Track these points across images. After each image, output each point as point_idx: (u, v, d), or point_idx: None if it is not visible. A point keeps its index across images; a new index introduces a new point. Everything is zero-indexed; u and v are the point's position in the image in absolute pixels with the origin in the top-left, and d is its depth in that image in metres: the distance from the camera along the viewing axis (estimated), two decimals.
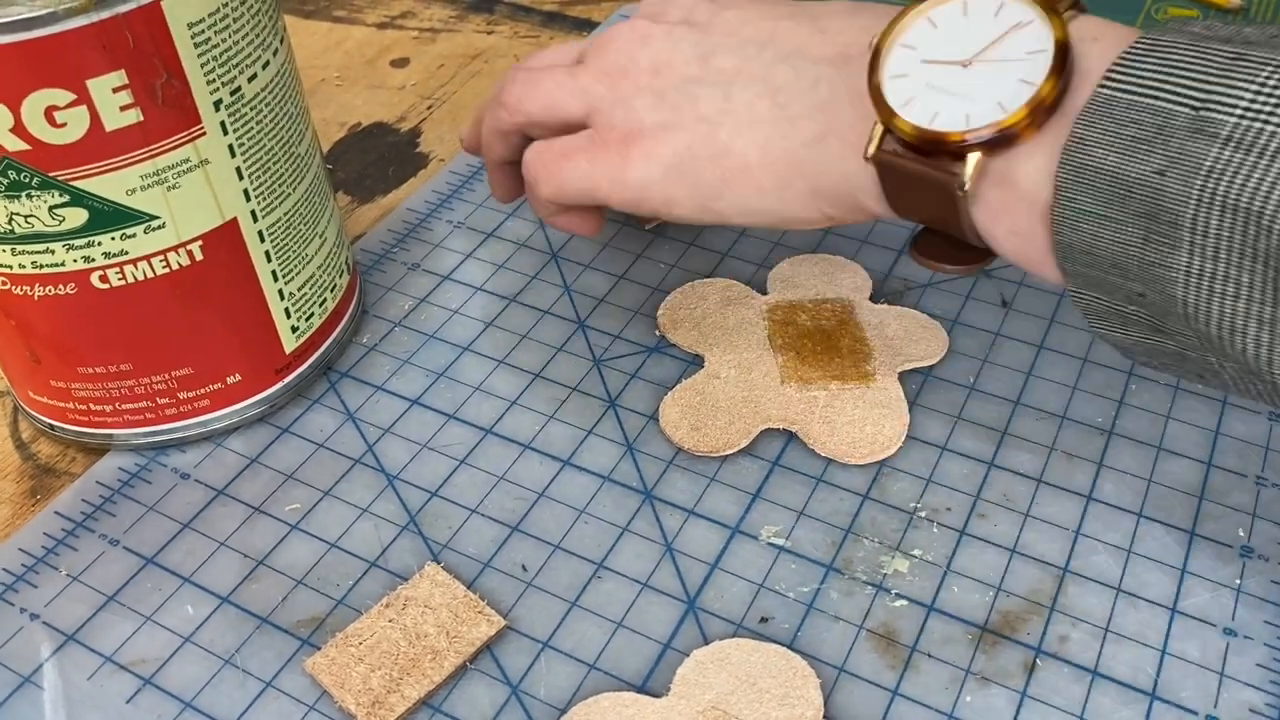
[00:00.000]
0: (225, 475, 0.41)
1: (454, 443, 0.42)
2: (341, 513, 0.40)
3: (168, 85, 0.34)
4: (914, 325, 0.45)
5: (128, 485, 0.41)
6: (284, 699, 0.34)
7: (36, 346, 0.39)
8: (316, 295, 0.43)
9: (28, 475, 0.42)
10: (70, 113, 0.33)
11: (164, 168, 0.35)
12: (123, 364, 0.39)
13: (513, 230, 0.51)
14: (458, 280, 0.49)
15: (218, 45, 0.35)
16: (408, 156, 0.57)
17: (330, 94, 0.62)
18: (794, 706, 0.33)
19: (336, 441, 0.42)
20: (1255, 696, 0.33)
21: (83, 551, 0.39)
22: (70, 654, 0.36)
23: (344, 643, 0.35)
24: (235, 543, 0.39)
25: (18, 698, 0.35)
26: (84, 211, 0.35)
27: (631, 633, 0.36)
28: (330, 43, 0.66)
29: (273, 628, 0.36)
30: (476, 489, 0.40)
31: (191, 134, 0.35)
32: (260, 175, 0.38)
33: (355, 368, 0.45)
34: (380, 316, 0.47)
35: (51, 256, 0.36)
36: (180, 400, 0.41)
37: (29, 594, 0.37)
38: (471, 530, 0.39)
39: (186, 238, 0.37)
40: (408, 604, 0.36)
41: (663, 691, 0.34)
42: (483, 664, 0.35)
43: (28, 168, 0.34)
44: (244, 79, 0.36)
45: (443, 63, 0.64)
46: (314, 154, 0.42)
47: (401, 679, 0.34)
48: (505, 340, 0.46)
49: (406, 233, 0.52)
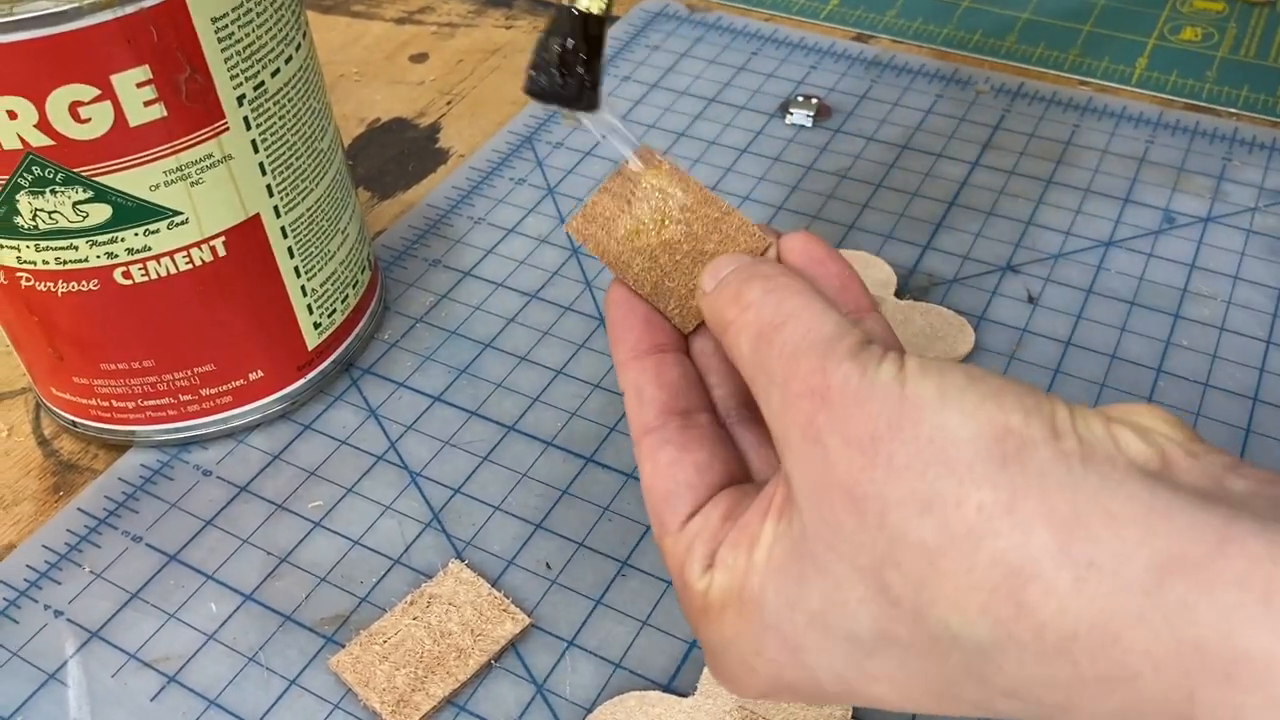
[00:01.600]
0: (248, 472, 0.41)
1: (476, 439, 0.42)
2: (364, 510, 0.39)
3: (191, 80, 0.34)
4: (940, 321, 0.44)
5: (150, 482, 0.41)
6: (308, 697, 0.34)
7: (59, 343, 0.39)
8: (339, 291, 0.43)
9: (50, 472, 0.42)
10: (94, 108, 0.33)
11: (187, 163, 0.35)
12: (145, 360, 0.39)
13: (534, 226, 0.51)
14: (479, 276, 0.49)
15: (241, 40, 0.35)
16: (428, 152, 0.57)
17: (349, 89, 0.62)
18: (822, 705, 0.32)
19: (359, 438, 0.42)
20: None
21: (106, 548, 0.39)
22: (94, 651, 0.36)
23: (368, 641, 0.35)
24: (258, 540, 0.39)
25: (42, 695, 0.35)
26: (107, 207, 0.35)
27: (657, 631, 0.35)
28: (349, 38, 0.66)
29: (296, 625, 0.36)
30: (499, 486, 0.40)
31: (215, 129, 0.35)
32: (283, 171, 0.38)
33: (377, 364, 0.45)
34: (402, 313, 0.47)
35: (75, 253, 0.36)
36: (202, 397, 0.40)
37: (53, 591, 0.37)
38: (495, 527, 0.39)
39: (209, 234, 0.37)
40: (432, 602, 0.36)
41: (690, 690, 0.33)
42: (508, 662, 0.35)
43: (52, 164, 0.33)
44: (267, 74, 0.36)
45: (462, 58, 0.64)
46: (336, 149, 0.42)
47: (426, 677, 0.34)
48: (527, 337, 0.46)
49: (427, 229, 0.51)
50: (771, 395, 0.24)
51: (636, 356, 0.29)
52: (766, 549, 0.24)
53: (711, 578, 0.25)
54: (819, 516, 0.23)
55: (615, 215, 0.29)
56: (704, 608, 0.26)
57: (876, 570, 0.22)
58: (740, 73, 0.60)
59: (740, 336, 0.26)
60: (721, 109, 0.57)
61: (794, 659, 0.24)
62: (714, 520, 0.26)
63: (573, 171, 0.54)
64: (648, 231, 0.29)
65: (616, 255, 0.29)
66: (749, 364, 0.25)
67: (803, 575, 0.23)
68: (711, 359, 0.29)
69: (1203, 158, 0.52)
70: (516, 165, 0.55)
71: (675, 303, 0.29)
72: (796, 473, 0.23)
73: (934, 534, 0.21)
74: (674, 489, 0.27)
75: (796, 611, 0.23)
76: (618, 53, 0.62)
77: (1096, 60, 0.59)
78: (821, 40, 0.62)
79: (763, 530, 0.24)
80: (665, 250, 0.29)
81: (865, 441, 0.22)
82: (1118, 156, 0.53)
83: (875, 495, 0.22)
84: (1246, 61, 0.59)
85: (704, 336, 0.29)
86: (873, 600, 0.22)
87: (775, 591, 0.24)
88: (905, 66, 0.59)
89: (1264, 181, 0.51)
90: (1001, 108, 0.56)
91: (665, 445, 0.27)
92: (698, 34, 0.63)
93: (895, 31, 0.62)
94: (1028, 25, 0.62)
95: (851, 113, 0.57)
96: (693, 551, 0.26)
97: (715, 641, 0.26)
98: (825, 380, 0.23)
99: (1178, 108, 0.56)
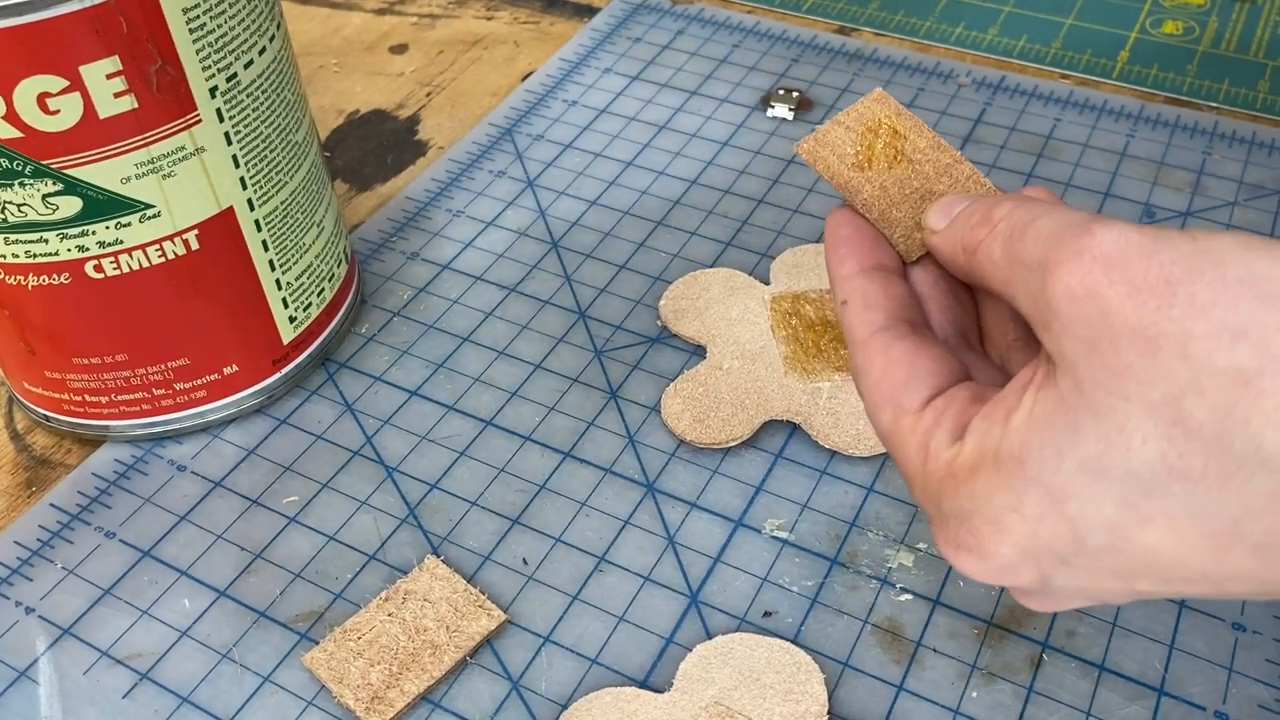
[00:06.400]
0: (222, 467, 0.41)
1: (454, 434, 0.41)
2: (340, 505, 0.39)
3: (162, 71, 0.34)
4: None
5: (124, 477, 0.40)
6: (282, 694, 0.34)
7: (31, 337, 0.38)
8: (314, 285, 0.42)
9: (23, 467, 0.41)
10: (63, 99, 0.32)
11: (159, 156, 0.35)
12: (118, 355, 0.39)
13: (513, 219, 0.51)
14: (457, 270, 0.48)
15: (213, 30, 0.34)
16: (406, 144, 0.56)
17: (328, 81, 0.61)
18: (798, 702, 0.32)
19: (335, 433, 0.42)
20: (1264, 692, 0.33)
21: (78, 544, 0.38)
22: (66, 648, 0.35)
23: (343, 637, 0.34)
24: (233, 535, 0.38)
25: (13, 692, 0.34)
26: (78, 200, 0.34)
27: (633, 627, 0.35)
28: (328, 29, 0.65)
29: (271, 622, 0.36)
30: (477, 481, 0.40)
31: (187, 121, 0.35)
32: (257, 163, 0.38)
33: (354, 358, 0.45)
34: (379, 306, 0.47)
35: (45, 246, 0.35)
36: (177, 391, 0.40)
37: (24, 587, 0.37)
38: (472, 523, 0.38)
39: (182, 227, 0.37)
40: (407, 598, 0.35)
41: (665, 687, 0.33)
42: (483, 659, 0.35)
43: (20, 155, 0.33)
44: (240, 65, 0.36)
45: (442, 49, 0.63)
46: (311, 142, 0.41)
47: (401, 674, 0.33)
48: (505, 331, 0.46)
49: (405, 221, 0.51)
50: (1030, 281, 0.24)
51: (864, 270, 0.29)
52: (1027, 412, 0.24)
53: (962, 445, 0.25)
54: (1099, 364, 0.22)
55: (847, 145, 0.30)
56: (950, 474, 0.25)
57: (1173, 402, 0.22)
58: (722, 65, 0.59)
59: (993, 245, 0.26)
60: (703, 101, 0.57)
61: (1056, 509, 0.23)
62: (960, 399, 0.26)
63: (553, 164, 0.54)
64: (879, 165, 0.30)
65: (846, 180, 0.30)
66: (1002, 267, 0.25)
67: (1075, 424, 0.23)
68: (934, 288, 0.30)
69: (1183, 152, 0.52)
70: (496, 158, 0.54)
71: (901, 232, 0.30)
72: (1067, 336, 0.23)
73: (1250, 357, 0.21)
74: (912, 374, 0.27)
75: (1065, 460, 0.23)
76: (599, 45, 0.61)
77: (1078, 54, 0.59)
78: (803, 33, 0.61)
79: (1021, 401, 0.24)
80: (895, 183, 0.30)
81: (1159, 285, 0.22)
82: (1099, 150, 0.53)
83: (1174, 331, 0.22)
84: (1227, 55, 0.59)
85: (924, 268, 0.30)
86: (1163, 435, 0.22)
87: (1040, 444, 0.23)
88: (887, 59, 0.59)
89: (1244, 176, 0.51)
90: (983, 101, 0.56)
91: (900, 340, 0.27)
92: (679, 26, 0.63)
93: (877, 24, 0.62)
94: (1009, 18, 0.62)
95: (833, 106, 0.56)
96: (940, 425, 0.26)
97: (961, 506, 0.25)
98: (1095, 242, 0.23)
99: (1158, 101, 0.56)
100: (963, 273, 0.28)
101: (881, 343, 0.28)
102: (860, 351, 0.28)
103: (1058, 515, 0.23)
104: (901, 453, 0.27)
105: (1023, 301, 0.25)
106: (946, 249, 0.28)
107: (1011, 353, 0.29)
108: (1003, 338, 0.29)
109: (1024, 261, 0.25)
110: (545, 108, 0.57)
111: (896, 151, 0.30)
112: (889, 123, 0.30)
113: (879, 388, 0.27)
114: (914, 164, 0.30)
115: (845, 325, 0.29)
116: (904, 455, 0.27)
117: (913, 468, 0.26)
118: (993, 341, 0.30)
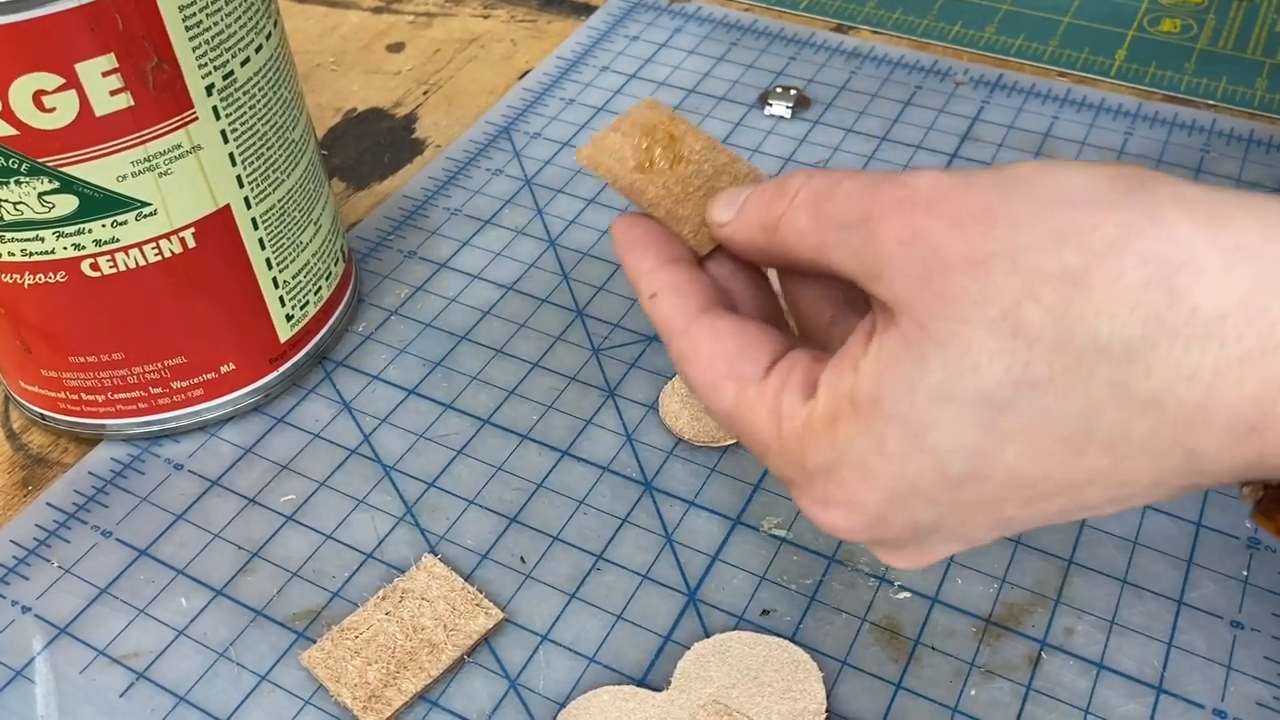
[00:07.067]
0: (219, 466, 0.41)
1: (451, 433, 0.41)
2: (337, 504, 0.39)
3: (159, 69, 0.33)
4: None
5: (120, 476, 0.40)
6: (279, 693, 0.34)
7: (27, 335, 0.38)
8: (311, 283, 0.42)
9: (19, 466, 0.41)
10: (59, 97, 0.32)
11: (155, 154, 0.35)
12: (115, 353, 0.38)
13: (510, 218, 0.51)
14: (455, 268, 0.48)
15: (210, 28, 0.34)
16: (404, 142, 0.56)
17: (325, 79, 0.61)
18: (796, 700, 0.32)
19: (332, 432, 0.42)
20: (1263, 690, 0.33)
21: (75, 543, 0.38)
22: (62, 647, 0.35)
23: (340, 636, 0.34)
24: (229, 534, 0.38)
25: (9, 692, 0.34)
26: (74, 198, 0.34)
27: (631, 625, 0.35)
28: (326, 27, 0.65)
29: (268, 620, 0.36)
30: (474, 480, 0.40)
31: (183, 119, 0.35)
32: (253, 161, 0.38)
33: (351, 357, 0.44)
34: (376, 305, 0.47)
35: (41, 244, 0.35)
36: (173, 390, 0.40)
37: (20, 586, 0.37)
38: (469, 521, 0.38)
39: (178, 225, 0.36)
40: (405, 596, 0.35)
41: (663, 685, 0.33)
42: (481, 657, 0.35)
43: (16, 153, 0.33)
44: (236, 63, 0.36)
45: (439, 48, 0.63)
46: (308, 140, 0.41)
47: (398, 672, 0.33)
48: (503, 329, 0.45)
49: (403, 220, 0.51)
50: (851, 238, 0.25)
51: (666, 263, 0.29)
52: (874, 356, 0.24)
53: (816, 401, 0.25)
54: (935, 296, 0.23)
55: (626, 149, 0.30)
56: (809, 429, 0.25)
57: (1011, 315, 0.22)
58: (719, 63, 0.59)
59: (797, 214, 0.26)
60: (700, 100, 0.57)
61: (917, 444, 0.24)
62: (802, 361, 0.26)
63: (550, 162, 0.54)
64: (660, 166, 0.30)
65: (630, 182, 0.30)
66: (811, 234, 0.26)
67: (921, 356, 0.23)
68: (732, 280, 0.30)
69: (1181, 149, 0.52)
70: (494, 156, 0.54)
71: (690, 228, 0.30)
72: (900, 279, 0.23)
73: (1076, 257, 0.22)
74: (746, 345, 0.27)
75: (917, 391, 0.23)
76: (596, 43, 0.61)
77: (1075, 52, 0.59)
78: (801, 31, 0.61)
79: (868, 349, 0.24)
80: (678, 182, 0.30)
81: (980, 214, 0.23)
82: (1096, 148, 0.53)
83: (1002, 250, 0.22)
84: (1225, 53, 0.59)
85: (718, 262, 0.30)
86: (1007, 349, 0.22)
87: (891, 380, 0.24)
88: (885, 57, 0.59)
89: (1241, 173, 0.51)
90: (980, 99, 0.56)
91: (723, 318, 0.27)
92: (677, 24, 0.63)
93: (875, 22, 0.62)
94: (1007, 16, 0.62)
95: (830, 104, 0.56)
96: (787, 388, 0.26)
97: (826, 458, 0.25)
98: (912, 189, 0.24)
99: (1156, 99, 0.56)
100: (763, 253, 0.28)
101: (705, 324, 0.27)
102: (682, 339, 0.28)
103: (919, 448, 0.24)
104: (751, 424, 0.27)
105: (843, 261, 0.25)
106: (742, 235, 0.28)
107: (832, 329, 0.29)
108: (819, 317, 0.29)
109: (840, 221, 0.25)
110: (543, 106, 0.57)
111: (675, 154, 0.30)
112: (664, 127, 0.30)
113: (712, 367, 0.27)
114: (693, 164, 0.30)
115: (660, 319, 0.28)
116: (754, 426, 0.26)
117: (766, 435, 0.26)
118: (807, 325, 0.29)
